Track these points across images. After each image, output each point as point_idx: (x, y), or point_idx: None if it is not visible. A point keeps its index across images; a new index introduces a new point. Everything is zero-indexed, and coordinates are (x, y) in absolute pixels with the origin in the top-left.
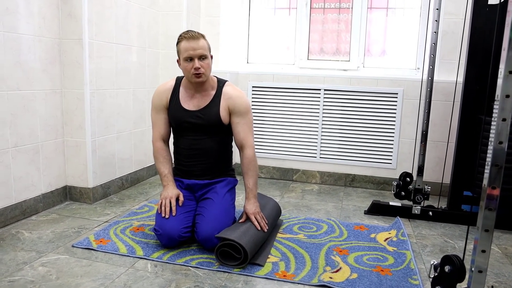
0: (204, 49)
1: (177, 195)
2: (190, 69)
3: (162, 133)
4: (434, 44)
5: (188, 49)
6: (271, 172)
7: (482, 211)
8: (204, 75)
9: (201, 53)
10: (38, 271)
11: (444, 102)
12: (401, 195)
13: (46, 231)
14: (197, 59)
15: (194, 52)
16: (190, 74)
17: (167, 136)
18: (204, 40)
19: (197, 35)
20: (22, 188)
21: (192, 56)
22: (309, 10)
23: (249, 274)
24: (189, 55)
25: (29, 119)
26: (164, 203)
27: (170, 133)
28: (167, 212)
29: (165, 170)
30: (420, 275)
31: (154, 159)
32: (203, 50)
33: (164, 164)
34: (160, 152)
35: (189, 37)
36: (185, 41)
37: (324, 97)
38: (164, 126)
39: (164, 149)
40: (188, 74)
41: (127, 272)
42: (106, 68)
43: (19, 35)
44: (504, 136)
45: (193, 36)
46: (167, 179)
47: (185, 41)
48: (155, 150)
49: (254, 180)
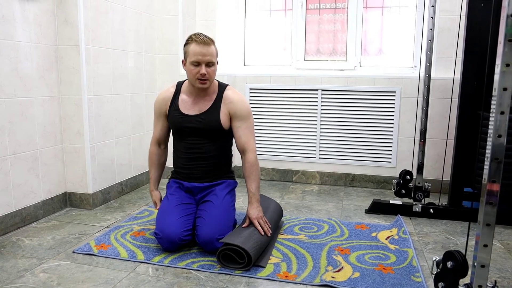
0: (212, 56)
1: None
2: (195, 74)
3: (158, 137)
4: (431, 41)
5: (197, 53)
6: (270, 174)
7: (483, 206)
8: (209, 81)
9: (210, 60)
10: (39, 278)
11: (442, 99)
12: (402, 193)
13: (46, 238)
14: (204, 65)
15: (203, 58)
16: (195, 79)
17: (164, 141)
18: (214, 46)
19: (208, 41)
20: (21, 196)
21: (200, 62)
22: (304, 11)
23: (251, 276)
24: (197, 59)
25: (27, 126)
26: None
27: (167, 138)
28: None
29: (151, 174)
30: (423, 272)
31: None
32: (212, 57)
33: (151, 169)
34: (151, 156)
35: (200, 42)
36: (195, 45)
37: (322, 98)
38: (161, 131)
39: (156, 153)
40: (192, 78)
41: (128, 277)
42: (103, 74)
43: (15, 43)
44: (502, 130)
45: (204, 41)
46: (150, 183)
47: (195, 44)
48: (149, 152)
49: (256, 184)
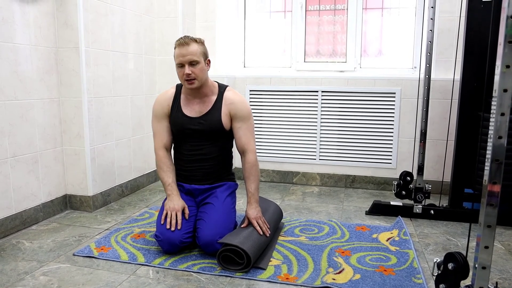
0: (194, 55)
1: (182, 207)
2: (182, 75)
3: (164, 141)
4: (430, 42)
5: (178, 55)
6: (270, 176)
7: (484, 208)
8: (196, 80)
9: (190, 59)
10: (39, 281)
11: (442, 100)
12: (402, 194)
13: (46, 240)
14: (187, 65)
15: (183, 58)
16: (183, 80)
17: (170, 144)
18: (195, 45)
19: (187, 41)
20: (21, 198)
21: (182, 63)
22: (304, 13)
23: (251, 278)
24: (179, 61)
25: (27, 129)
26: (170, 215)
27: (172, 141)
28: (172, 225)
29: (169, 179)
30: (424, 273)
31: (157, 168)
32: (193, 55)
33: (168, 173)
34: (164, 161)
35: (179, 44)
36: (176, 48)
37: (322, 99)
38: (166, 134)
39: (167, 157)
40: (181, 80)
41: (129, 279)
42: (103, 76)
43: (15, 45)
44: (503, 131)
45: (183, 42)
46: (172, 188)
47: (176, 47)
48: (158, 159)
49: (256, 184)
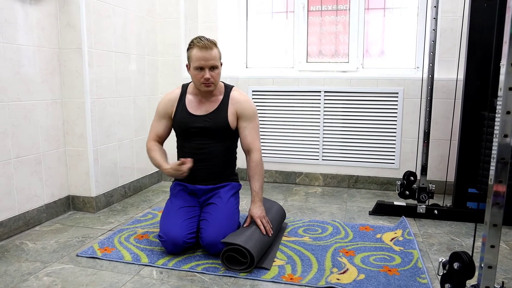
0: (215, 60)
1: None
2: (200, 78)
3: (158, 135)
4: (433, 42)
5: (199, 58)
6: (274, 176)
7: (490, 207)
8: (213, 84)
9: (213, 64)
10: (43, 281)
11: (445, 99)
12: (406, 194)
13: (50, 241)
14: (208, 69)
15: (206, 62)
16: (200, 83)
17: (162, 139)
18: (216, 49)
19: (210, 45)
20: (25, 199)
21: (204, 66)
22: (306, 13)
23: (255, 278)
24: (200, 65)
25: (31, 130)
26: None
27: (165, 137)
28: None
29: (157, 156)
30: (428, 273)
31: (147, 154)
32: (215, 60)
33: (156, 152)
34: (153, 147)
35: (202, 47)
36: (197, 50)
37: (324, 99)
38: (162, 130)
39: (157, 145)
40: (197, 82)
41: (132, 280)
42: (105, 77)
43: (18, 46)
44: (509, 130)
45: (206, 45)
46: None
47: (197, 49)
48: (148, 147)
49: (260, 183)
